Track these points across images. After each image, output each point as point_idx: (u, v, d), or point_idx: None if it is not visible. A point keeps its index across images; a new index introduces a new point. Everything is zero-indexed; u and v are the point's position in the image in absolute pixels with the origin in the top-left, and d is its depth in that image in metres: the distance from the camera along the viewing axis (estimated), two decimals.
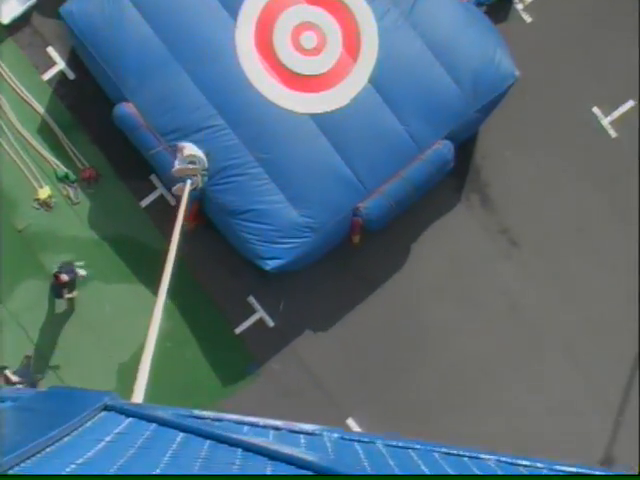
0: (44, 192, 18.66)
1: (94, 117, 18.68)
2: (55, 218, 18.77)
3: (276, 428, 7.88)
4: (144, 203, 18.88)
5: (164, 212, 18.68)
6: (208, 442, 6.86)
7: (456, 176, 18.76)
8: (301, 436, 7.87)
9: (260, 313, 18.98)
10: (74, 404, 7.35)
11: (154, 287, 18.39)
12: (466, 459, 8.17)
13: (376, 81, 17.30)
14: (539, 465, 8.34)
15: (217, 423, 7.69)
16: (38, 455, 6.08)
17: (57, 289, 18.16)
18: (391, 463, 7.49)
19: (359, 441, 7.99)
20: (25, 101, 18.70)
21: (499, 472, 7.94)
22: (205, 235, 18.62)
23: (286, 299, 18.92)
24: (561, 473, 8.27)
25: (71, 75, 18.81)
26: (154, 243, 18.80)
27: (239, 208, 17.36)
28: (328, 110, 17.21)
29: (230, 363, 18.91)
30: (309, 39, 17.37)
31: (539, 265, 18.85)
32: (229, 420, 7.85)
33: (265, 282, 18.70)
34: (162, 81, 17.24)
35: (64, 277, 17.86)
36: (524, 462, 8.34)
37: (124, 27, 17.19)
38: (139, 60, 17.21)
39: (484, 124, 18.25)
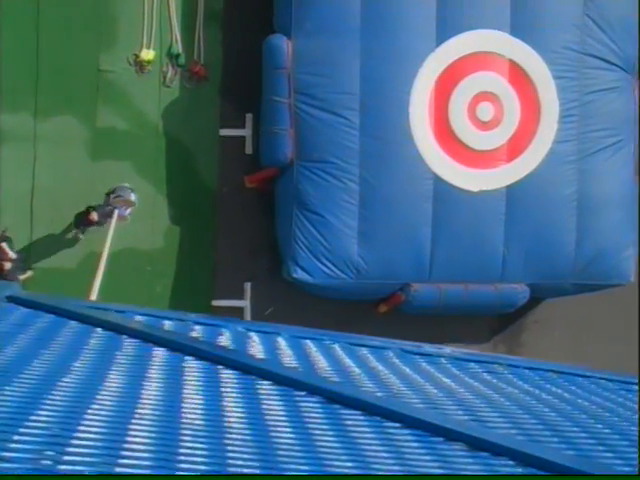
0: (148, 54, 17.12)
1: (243, 27, 17.24)
2: (138, 84, 17.23)
3: (199, 323, 7.27)
4: (224, 132, 17.41)
5: (235, 154, 17.34)
6: (107, 332, 6.50)
7: (501, 318, 17.71)
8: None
9: (245, 303, 17.59)
10: None
11: (183, 216, 17.38)
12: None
13: (512, 191, 16.19)
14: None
15: (138, 317, 7.10)
16: None
17: (80, 222, 16.58)
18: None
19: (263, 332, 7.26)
20: None
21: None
22: (257, 202, 17.28)
23: (278, 308, 17.59)
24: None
25: None
26: (205, 173, 17.39)
27: (311, 205, 16.04)
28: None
29: None
30: (486, 111, 16.19)
31: None
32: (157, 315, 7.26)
33: (272, 282, 17.36)
34: (334, 46, 15.93)
35: (94, 216, 16.22)
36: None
37: None
38: (330, 12, 15.91)
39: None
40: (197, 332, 6.95)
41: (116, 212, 16.01)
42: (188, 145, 17.39)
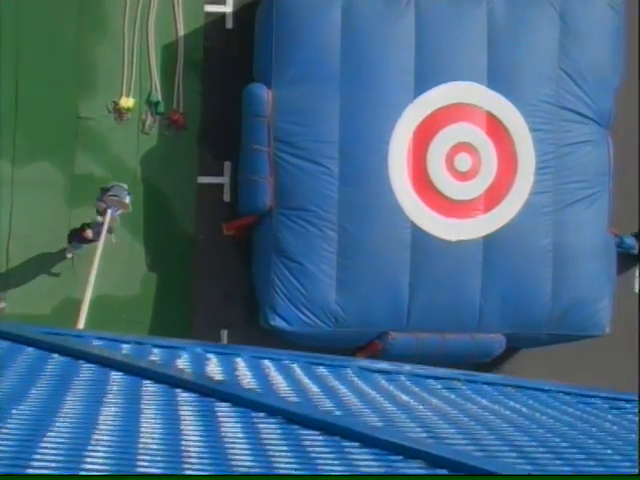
0: (127, 102, 17.17)
1: (222, 77, 17.37)
2: (117, 131, 17.25)
3: (157, 346, 7.25)
4: (202, 180, 17.46)
5: (213, 202, 17.42)
6: (64, 358, 6.48)
7: (477, 368, 17.68)
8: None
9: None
10: None
11: (160, 263, 17.33)
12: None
13: (490, 241, 16.32)
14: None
15: (95, 342, 7.07)
16: None
17: (73, 238, 16.55)
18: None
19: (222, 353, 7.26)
20: (173, 11, 17.33)
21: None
22: (234, 250, 17.30)
23: None
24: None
25: (230, 24, 17.52)
26: (182, 221, 17.41)
27: (290, 253, 16.09)
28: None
29: None
30: (464, 161, 16.35)
31: None
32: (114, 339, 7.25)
33: (249, 330, 17.32)
34: (314, 95, 16.08)
35: (88, 234, 16.14)
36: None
37: (321, 22, 16.07)
38: (311, 61, 16.07)
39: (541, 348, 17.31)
40: (155, 355, 6.94)
41: (109, 212, 15.69)
42: (166, 192, 17.41)
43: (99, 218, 15.80)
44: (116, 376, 6.08)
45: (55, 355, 6.42)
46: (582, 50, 16.62)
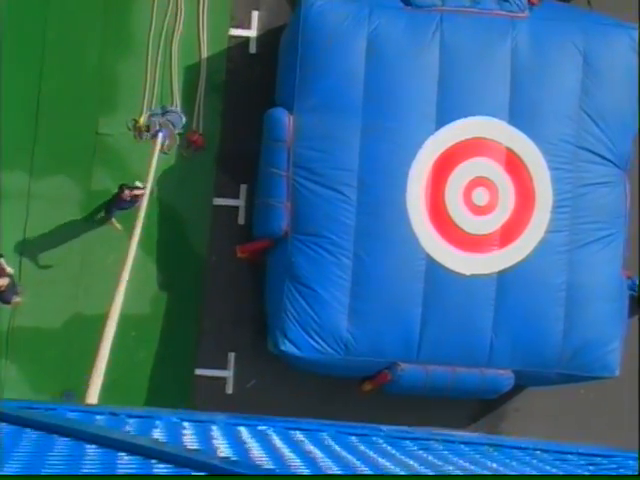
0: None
1: (243, 99, 17.42)
2: (135, 149, 17.25)
3: (132, 416, 7.19)
4: (217, 202, 17.45)
5: (227, 224, 17.43)
6: (37, 432, 6.42)
7: (482, 404, 17.65)
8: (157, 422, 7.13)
9: (228, 374, 17.49)
10: None
11: (171, 282, 17.28)
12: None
13: (504, 277, 16.28)
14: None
15: (69, 414, 6.99)
16: None
17: (111, 206, 16.49)
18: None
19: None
20: (198, 33, 17.40)
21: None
22: (246, 273, 17.28)
23: (260, 380, 17.47)
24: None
25: (253, 49, 17.59)
26: (195, 241, 17.40)
27: (303, 278, 16.05)
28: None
29: (167, 392, 17.27)
30: (481, 196, 16.35)
31: None
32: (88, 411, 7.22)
33: (256, 354, 17.27)
34: (336, 123, 16.10)
35: (126, 194, 16.18)
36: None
37: (346, 51, 16.12)
38: (334, 88, 16.10)
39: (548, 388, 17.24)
40: (130, 425, 6.87)
41: (160, 135, 15.94)
42: (181, 212, 17.41)
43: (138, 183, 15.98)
44: (90, 449, 6.00)
45: (28, 430, 6.34)
46: (604, 92, 16.66)
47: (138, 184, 16.20)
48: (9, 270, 16.03)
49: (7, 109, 16.90)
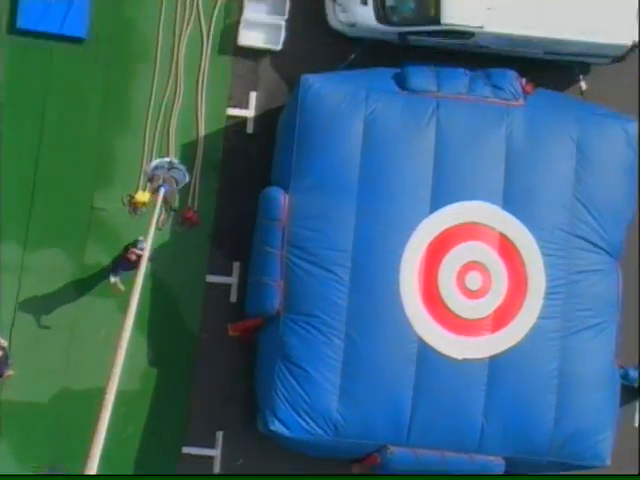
0: (143, 196, 17.27)
1: (239, 178, 17.54)
2: (130, 224, 17.29)
3: None
4: (210, 279, 17.46)
5: (219, 301, 17.45)
6: None
7: None
8: None
9: (216, 452, 17.34)
10: None
11: (161, 359, 17.21)
12: None
13: (495, 362, 16.24)
14: None
15: None
16: None
17: (117, 266, 16.45)
18: None
19: None
20: (196, 111, 17.55)
21: None
22: (236, 351, 17.23)
23: (248, 460, 17.33)
24: None
25: (250, 129, 17.75)
26: (187, 318, 17.37)
27: (294, 358, 16.01)
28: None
29: (153, 469, 17.11)
30: (474, 280, 16.38)
31: None
32: None
33: (245, 433, 17.17)
34: (331, 203, 16.18)
35: (132, 254, 16.08)
36: None
37: (343, 133, 16.24)
38: (330, 169, 16.21)
39: None
40: None
41: (162, 190, 16.26)
42: (174, 288, 17.41)
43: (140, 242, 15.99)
44: None
45: None
46: (597, 182, 16.76)
47: (141, 239, 16.12)
48: (3, 342, 15.96)
49: (4, 183, 16.99)
